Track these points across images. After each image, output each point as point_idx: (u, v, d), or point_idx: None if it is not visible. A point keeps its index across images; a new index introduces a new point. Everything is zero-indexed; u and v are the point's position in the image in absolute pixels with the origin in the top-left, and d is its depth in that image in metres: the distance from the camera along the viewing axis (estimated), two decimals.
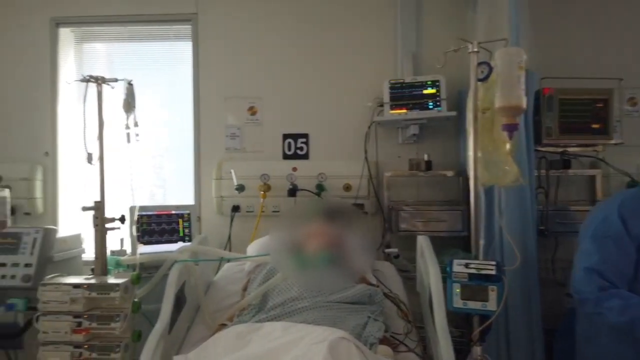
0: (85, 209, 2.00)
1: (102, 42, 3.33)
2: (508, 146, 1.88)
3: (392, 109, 2.81)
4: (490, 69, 1.90)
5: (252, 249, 2.57)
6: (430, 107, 2.77)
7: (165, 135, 3.34)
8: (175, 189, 3.32)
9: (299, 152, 3.10)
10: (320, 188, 2.93)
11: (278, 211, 2.99)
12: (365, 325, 1.73)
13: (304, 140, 3.10)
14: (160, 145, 3.33)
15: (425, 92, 2.79)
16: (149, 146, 3.27)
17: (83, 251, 2.66)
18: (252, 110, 3.14)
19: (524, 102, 1.84)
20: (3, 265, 2.27)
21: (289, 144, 3.11)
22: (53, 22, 3.14)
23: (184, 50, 3.24)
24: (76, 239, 2.62)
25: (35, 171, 3.10)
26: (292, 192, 2.90)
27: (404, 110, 2.80)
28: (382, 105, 2.87)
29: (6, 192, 1.85)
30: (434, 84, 2.78)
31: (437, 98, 2.77)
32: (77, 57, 3.31)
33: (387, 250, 2.65)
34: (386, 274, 2.38)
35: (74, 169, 3.25)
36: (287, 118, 3.12)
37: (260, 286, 1.93)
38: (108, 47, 3.36)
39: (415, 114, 2.77)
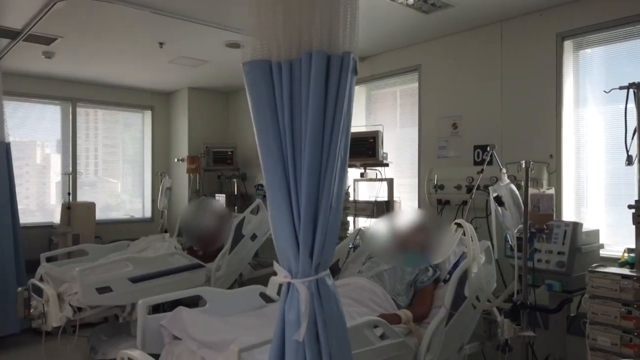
0: (630, 207, 2.15)
1: (598, 46, 3.43)
2: None
3: None
4: None
5: None
6: None
7: None
8: None
9: None
10: None
11: None
12: None
13: None
14: None
15: None
16: None
17: (602, 246, 2.85)
18: None
19: None
20: (538, 250, 2.73)
21: None
22: (559, 37, 3.47)
23: None
24: (595, 234, 2.84)
25: (542, 172, 3.50)
26: None
27: None
28: None
29: (552, 190, 2.22)
30: None
31: None
32: (574, 64, 3.54)
33: None
34: None
35: (572, 169, 3.52)
36: None
37: None
38: (604, 49, 3.44)
39: None
